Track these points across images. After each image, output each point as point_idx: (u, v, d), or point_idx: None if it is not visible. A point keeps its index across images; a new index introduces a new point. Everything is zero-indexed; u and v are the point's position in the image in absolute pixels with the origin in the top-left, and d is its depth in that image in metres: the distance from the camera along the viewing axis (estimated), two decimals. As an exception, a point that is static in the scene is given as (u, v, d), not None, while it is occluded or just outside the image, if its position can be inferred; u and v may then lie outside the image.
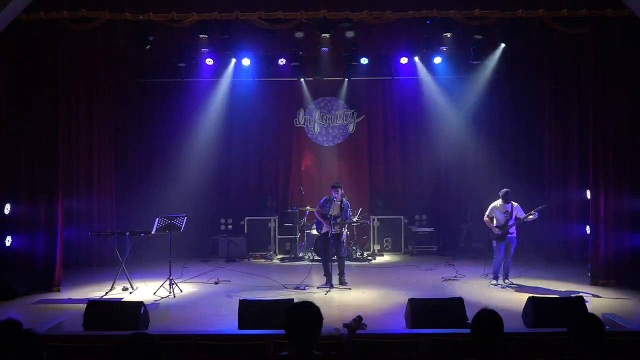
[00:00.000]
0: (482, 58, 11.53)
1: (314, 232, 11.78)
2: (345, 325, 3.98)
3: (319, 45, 10.53)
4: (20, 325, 2.74)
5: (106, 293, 8.96)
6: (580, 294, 7.50)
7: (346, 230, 10.55)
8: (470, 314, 3.55)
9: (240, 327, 6.40)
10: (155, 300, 8.60)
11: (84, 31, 9.50)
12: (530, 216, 9.39)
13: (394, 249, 12.91)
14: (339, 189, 9.76)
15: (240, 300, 6.61)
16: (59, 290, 9.32)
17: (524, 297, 7.17)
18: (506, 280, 9.62)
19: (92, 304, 6.79)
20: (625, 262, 9.53)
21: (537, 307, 6.59)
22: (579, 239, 11.28)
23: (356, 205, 12.09)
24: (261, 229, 12.84)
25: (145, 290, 9.20)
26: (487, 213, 9.66)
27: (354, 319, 4.01)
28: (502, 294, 9.05)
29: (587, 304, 6.82)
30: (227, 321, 7.15)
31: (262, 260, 12.32)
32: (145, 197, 12.42)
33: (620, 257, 9.54)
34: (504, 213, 9.46)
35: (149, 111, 13.12)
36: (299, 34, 10.06)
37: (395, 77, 13.02)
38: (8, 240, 9.46)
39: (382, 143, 13.60)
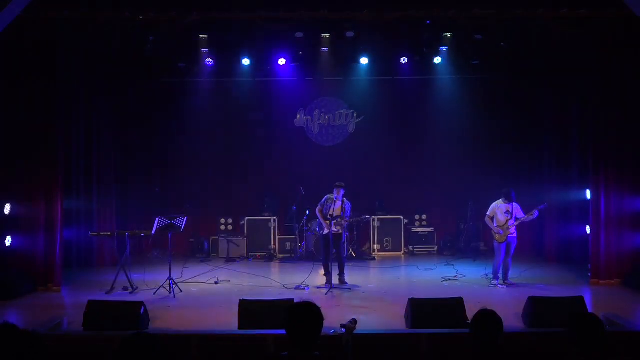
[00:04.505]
0: (482, 58, 11.54)
1: (314, 232, 11.78)
2: (343, 326, 3.98)
3: (319, 45, 10.54)
4: (15, 327, 2.72)
5: (106, 293, 8.96)
6: (581, 294, 7.49)
7: (346, 232, 10.54)
8: (470, 314, 3.55)
9: (240, 327, 6.39)
10: (156, 300, 8.60)
11: (84, 31, 9.51)
12: (530, 216, 9.38)
13: (394, 249, 12.91)
14: (341, 189, 9.75)
15: (240, 300, 6.60)
16: (59, 290, 9.32)
17: (524, 297, 7.16)
18: (506, 280, 9.62)
19: (92, 304, 6.77)
20: (625, 262, 9.54)
21: (537, 307, 6.59)
22: (579, 239, 11.24)
23: (356, 205, 12.06)
24: (261, 229, 12.84)
25: (145, 290, 9.20)
26: (488, 213, 9.66)
27: (350, 321, 4.01)
28: (502, 294, 9.06)
29: (587, 304, 6.81)
30: (227, 321, 7.13)
31: (262, 260, 12.32)
32: (145, 197, 12.41)
33: (620, 257, 9.54)
34: (505, 213, 9.44)
35: (149, 111, 13.12)
36: (299, 34, 10.06)
37: (395, 77, 13.00)
38: (8, 240, 9.45)
39: (382, 143, 13.59)
